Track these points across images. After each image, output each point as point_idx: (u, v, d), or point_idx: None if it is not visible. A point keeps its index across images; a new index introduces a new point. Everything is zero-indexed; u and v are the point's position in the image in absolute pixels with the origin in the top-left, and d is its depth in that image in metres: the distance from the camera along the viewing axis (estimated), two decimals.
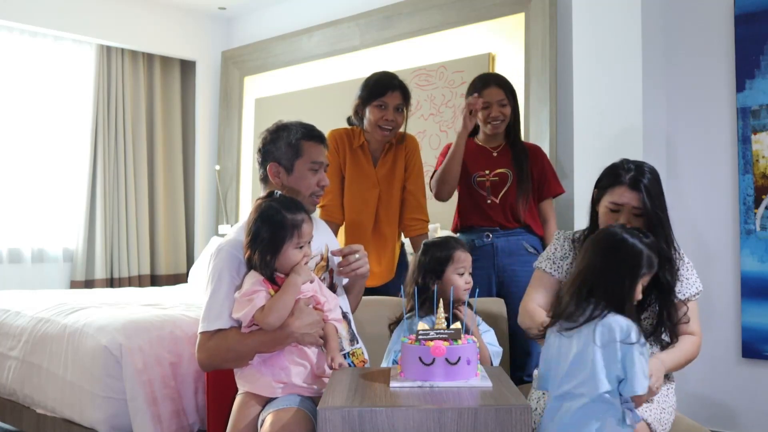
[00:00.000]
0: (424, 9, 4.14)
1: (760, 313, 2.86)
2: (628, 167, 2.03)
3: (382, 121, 2.72)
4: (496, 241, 2.76)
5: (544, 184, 2.87)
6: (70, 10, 4.76)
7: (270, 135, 2.14)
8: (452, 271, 2.12)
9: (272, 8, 5.28)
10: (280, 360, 1.89)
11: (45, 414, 2.85)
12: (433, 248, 2.16)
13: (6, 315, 3.22)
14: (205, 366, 2.00)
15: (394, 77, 2.79)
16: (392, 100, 2.72)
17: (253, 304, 1.84)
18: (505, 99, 2.78)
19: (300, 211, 1.91)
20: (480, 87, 2.78)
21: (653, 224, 1.97)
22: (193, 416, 2.66)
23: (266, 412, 1.82)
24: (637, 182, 1.98)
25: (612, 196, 2.01)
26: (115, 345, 2.59)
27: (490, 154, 2.85)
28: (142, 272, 5.20)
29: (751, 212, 2.89)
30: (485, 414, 1.47)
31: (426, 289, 2.09)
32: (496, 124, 2.79)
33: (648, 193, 1.97)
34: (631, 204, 1.98)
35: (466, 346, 1.67)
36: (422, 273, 2.14)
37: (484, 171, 2.82)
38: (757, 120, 2.87)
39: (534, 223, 2.82)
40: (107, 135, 5.03)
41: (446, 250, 2.14)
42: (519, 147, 2.85)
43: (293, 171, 2.11)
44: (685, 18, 3.09)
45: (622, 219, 1.98)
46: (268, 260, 1.87)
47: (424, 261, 2.15)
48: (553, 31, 3.54)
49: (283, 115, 5.40)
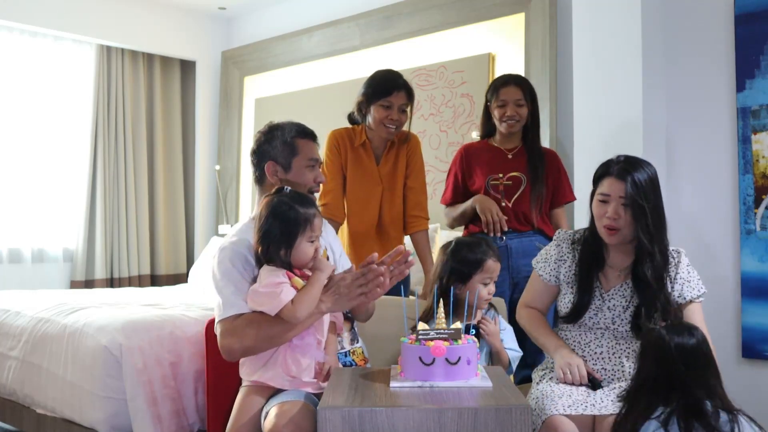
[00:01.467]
0: (424, 9, 4.14)
1: (760, 313, 2.86)
2: (618, 160, 2.05)
3: (387, 120, 2.74)
4: (510, 242, 2.75)
5: (559, 191, 2.86)
6: (70, 10, 4.76)
7: (264, 135, 2.17)
8: (479, 280, 2.04)
9: (272, 8, 5.28)
10: (289, 354, 1.90)
11: (45, 414, 2.85)
12: (465, 249, 2.06)
13: (6, 315, 3.22)
14: (230, 352, 1.91)
15: (399, 76, 2.80)
16: (397, 100, 2.74)
17: (279, 299, 1.82)
18: (522, 99, 2.75)
19: (312, 205, 1.94)
20: (499, 86, 2.78)
21: (638, 215, 1.98)
22: (193, 416, 2.66)
23: (271, 405, 1.82)
24: (625, 172, 1.99)
25: (601, 187, 2.04)
26: (115, 345, 2.59)
27: (505, 156, 2.83)
28: (142, 272, 5.20)
29: (751, 212, 2.89)
30: (485, 414, 1.47)
31: (447, 292, 2.01)
32: (511, 123, 2.77)
33: (634, 182, 1.98)
34: (618, 194, 1.99)
35: (466, 346, 1.67)
36: (447, 273, 2.04)
37: (497, 174, 2.80)
38: (757, 120, 2.87)
39: (547, 228, 2.82)
40: (107, 135, 5.03)
41: (478, 254, 2.04)
42: (535, 151, 2.82)
43: (291, 168, 2.13)
44: (685, 18, 3.09)
45: (610, 210, 1.99)
46: (282, 255, 1.88)
47: (453, 261, 2.05)
48: (553, 31, 3.54)
49: (283, 115, 5.39)
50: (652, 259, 2.00)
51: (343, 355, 2.06)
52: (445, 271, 2.04)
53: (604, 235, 2.04)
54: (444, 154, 3.94)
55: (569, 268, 2.13)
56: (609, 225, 2.01)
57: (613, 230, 2.01)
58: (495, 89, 2.79)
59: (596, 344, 2.07)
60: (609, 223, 2.01)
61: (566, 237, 2.19)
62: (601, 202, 2.02)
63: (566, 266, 2.13)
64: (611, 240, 2.04)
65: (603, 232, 2.04)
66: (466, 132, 3.86)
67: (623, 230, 2.01)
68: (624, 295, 2.07)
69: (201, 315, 2.91)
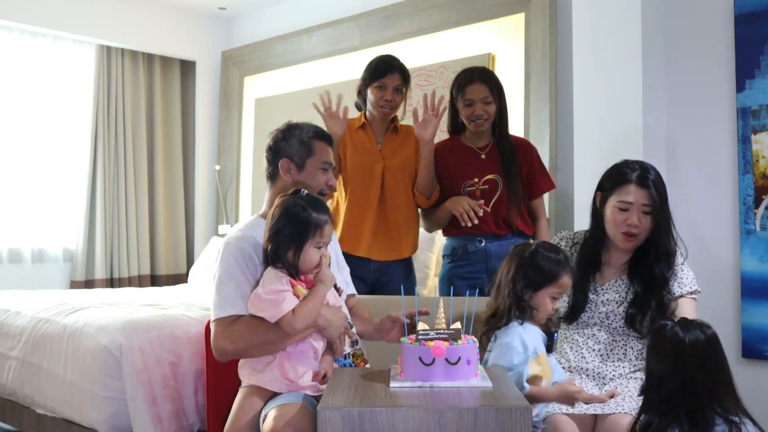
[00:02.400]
0: (424, 9, 4.14)
1: (760, 313, 2.85)
2: (633, 166, 2.04)
3: (382, 101, 2.80)
4: (488, 245, 2.72)
5: (533, 182, 2.79)
6: (70, 10, 4.76)
7: (281, 133, 2.19)
8: (549, 293, 1.92)
9: (272, 8, 5.28)
10: (288, 357, 1.90)
11: (45, 414, 2.85)
12: (543, 258, 1.93)
13: (6, 315, 3.22)
14: (223, 354, 1.94)
15: (395, 59, 2.87)
16: (392, 81, 2.80)
17: (281, 307, 1.83)
18: (489, 96, 2.68)
19: (325, 212, 1.94)
20: (464, 83, 2.71)
21: (660, 220, 1.99)
22: (193, 416, 2.66)
23: (269, 407, 1.82)
24: (645, 179, 2.00)
25: (620, 195, 2.02)
26: (115, 345, 2.59)
27: (478, 156, 2.78)
28: (142, 272, 5.20)
29: (751, 212, 2.89)
30: (485, 414, 1.47)
31: (519, 297, 1.91)
32: (480, 122, 2.71)
33: (656, 188, 1.99)
34: (641, 201, 1.99)
35: (466, 346, 1.67)
36: (522, 276, 1.92)
37: (473, 179, 2.76)
38: (757, 120, 2.87)
39: (527, 227, 2.78)
40: (107, 135, 5.03)
41: (556, 266, 1.91)
42: (506, 145, 2.76)
43: (304, 168, 2.15)
44: (685, 18, 3.09)
45: (633, 218, 1.98)
46: (290, 257, 1.88)
47: (529, 266, 1.92)
48: (553, 31, 3.54)
49: (283, 115, 5.37)
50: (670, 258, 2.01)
51: (343, 357, 2.07)
52: (520, 273, 1.93)
53: (620, 240, 2.03)
54: None
55: None
56: (629, 232, 2.01)
57: (633, 236, 2.01)
58: (460, 87, 2.72)
59: (593, 341, 2.07)
60: (630, 230, 2.00)
61: (565, 237, 2.18)
62: (622, 210, 2.01)
63: None
64: (628, 245, 2.04)
65: (620, 238, 2.03)
66: None
67: (640, 235, 2.02)
68: (618, 290, 2.08)
69: (201, 315, 2.91)
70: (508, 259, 1.99)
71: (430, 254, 3.62)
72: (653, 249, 2.04)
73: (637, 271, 2.06)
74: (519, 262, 1.95)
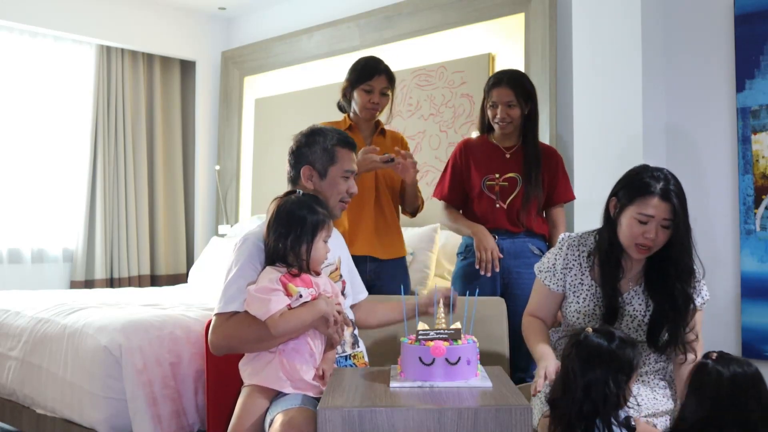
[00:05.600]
0: (424, 9, 4.14)
1: (760, 313, 2.85)
2: (656, 175, 1.93)
3: (368, 104, 2.82)
4: (501, 242, 2.72)
5: (554, 190, 2.81)
6: (70, 10, 4.76)
7: (305, 138, 2.18)
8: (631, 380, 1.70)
9: (272, 8, 5.28)
10: (289, 356, 1.90)
11: (45, 414, 2.85)
12: (629, 345, 1.68)
13: (6, 315, 3.22)
14: (217, 348, 1.96)
15: (380, 62, 2.88)
16: (378, 84, 2.81)
17: (268, 308, 1.84)
18: (513, 100, 2.70)
19: (325, 207, 2.01)
20: (492, 85, 2.75)
21: (682, 236, 1.91)
22: (193, 416, 2.66)
23: (274, 412, 1.82)
24: (669, 193, 1.89)
25: (641, 207, 1.91)
26: (115, 345, 2.59)
27: (503, 155, 2.80)
28: (142, 272, 5.20)
29: (751, 212, 2.89)
30: (485, 414, 1.47)
31: (616, 392, 1.63)
32: (503, 125, 2.73)
33: (679, 201, 1.90)
34: (662, 216, 1.89)
35: (466, 346, 1.67)
36: (616, 370, 1.64)
37: (494, 174, 2.77)
38: (757, 120, 2.87)
39: (539, 228, 2.78)
40: (107, 135, 5.03)
41: (637, 357, 1.69)
42: (532, 150, 2.77)
43: (326, 176, 2.15)
44: (685, 18, 3.09)
45: (651, 231, 1.90)
46: (302, 252, 1.91)
47: (618, 356, 1.66)
48: (553, 31, 3.54)
49: (283, 115, 5.34)
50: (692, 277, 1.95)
51: (343, 359, 2.07)
52: (613, 368, 1.65)
53: (634, 252, 1.95)
54: (444, 154, 3.93)
55: (575, 276, 2.07)
56: (645, 244, 1.92)
57: (647, 249, 1.94)
58: (488, 88, 2.77)
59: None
60: (646, 243, 1.92)
61: (571, 243, 2.10)
62: (641, 222, 1.91)
63: (572, 274, 2.07)
64: (640, 256, 1.96)
65: (634, 249, 1.94)
66: (466, 132, 3.86)
67: (654, 248, 1.94)
68: (631, 302, 2.00)
69: (201, 315, 2.91)
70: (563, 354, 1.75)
71: (430, 254, 3.62)
72: (672, 267, 1.95)
73: (655, 288, 1.99)
74: (610, 354, 1.66)
